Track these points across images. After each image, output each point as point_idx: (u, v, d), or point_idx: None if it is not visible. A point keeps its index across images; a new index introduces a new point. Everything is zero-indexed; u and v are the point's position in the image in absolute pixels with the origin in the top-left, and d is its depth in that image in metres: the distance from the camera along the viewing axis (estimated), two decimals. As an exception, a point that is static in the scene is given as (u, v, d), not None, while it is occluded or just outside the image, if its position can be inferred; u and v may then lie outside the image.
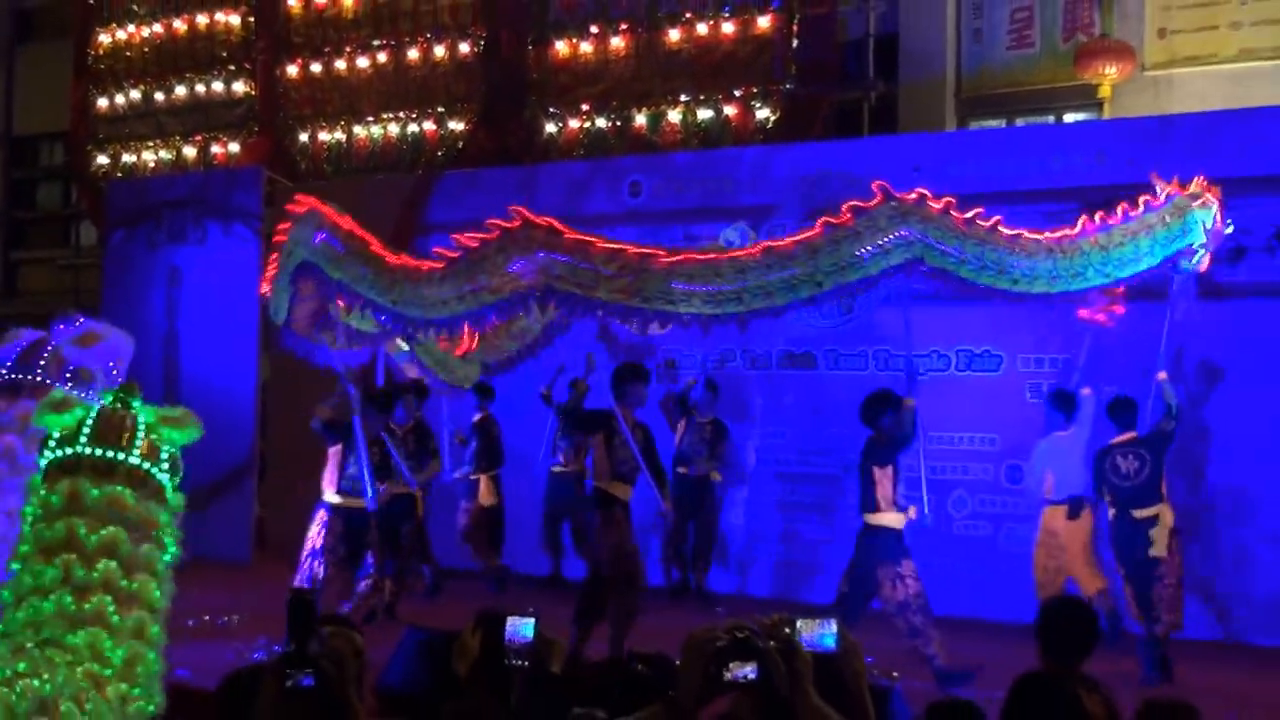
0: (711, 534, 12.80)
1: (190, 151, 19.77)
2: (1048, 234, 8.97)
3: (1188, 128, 12.02)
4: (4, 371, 6.71)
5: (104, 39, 20.59)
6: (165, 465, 6.53)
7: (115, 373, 6.18)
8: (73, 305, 20.89)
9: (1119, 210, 9.26)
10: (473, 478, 13.13)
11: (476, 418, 13.18)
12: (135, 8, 20.32)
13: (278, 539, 15.06)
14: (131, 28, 20.34)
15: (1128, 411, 10.05)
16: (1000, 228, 8.80)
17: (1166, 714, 4.64)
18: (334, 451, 10.81)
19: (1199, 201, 9.53)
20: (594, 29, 16.59)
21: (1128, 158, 11.83)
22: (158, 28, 20.10)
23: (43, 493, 6.37)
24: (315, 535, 10.81)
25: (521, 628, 5.03)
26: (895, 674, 8.86)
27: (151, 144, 20.12)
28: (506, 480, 13.27)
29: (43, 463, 6.31)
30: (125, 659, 6.27)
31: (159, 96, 20.07)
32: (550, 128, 16.87)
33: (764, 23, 15.54)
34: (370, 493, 10.69)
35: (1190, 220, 9.32)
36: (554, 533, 13.42)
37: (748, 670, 3.67)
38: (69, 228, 23.96)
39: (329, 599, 10.20)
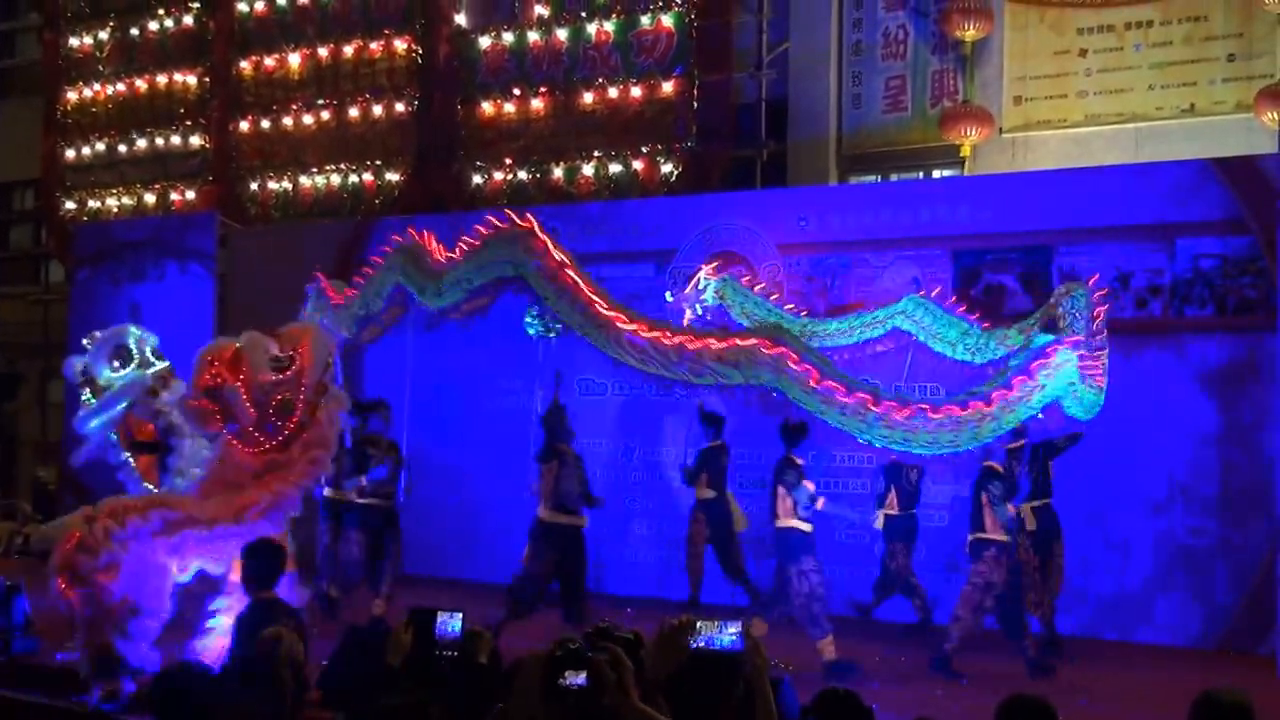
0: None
1: (150, 198, 19.47)
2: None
3: (1040, 183, 12.14)
4: None
5: (72, 96, 20.29)
6: None
7: None
8: (42, 337, 20.70)
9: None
10: None
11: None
12: (101, 68, 20.03)
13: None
14: (97, 86, 20.05)
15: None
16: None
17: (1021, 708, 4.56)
18: None
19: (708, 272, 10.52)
20: (516, 91, 16.52)
21: (986, 209, 11.95)
22: (121, 86, 19.82)
23: None
24: None
25: (450, 623, 4.95)
26: (790, 666, 8.80)
27: (115, 191, 19.79)
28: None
29: None
30: None
31: (122, 148, 19.77)
32: (477, 179, 16.76)
33: (668, 87, 15.54)
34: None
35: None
36: None
37: (579, 678, 3.63)
38: (39, 266, 23.50)
39: None
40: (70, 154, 20.22)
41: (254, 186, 18.39)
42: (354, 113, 17.60)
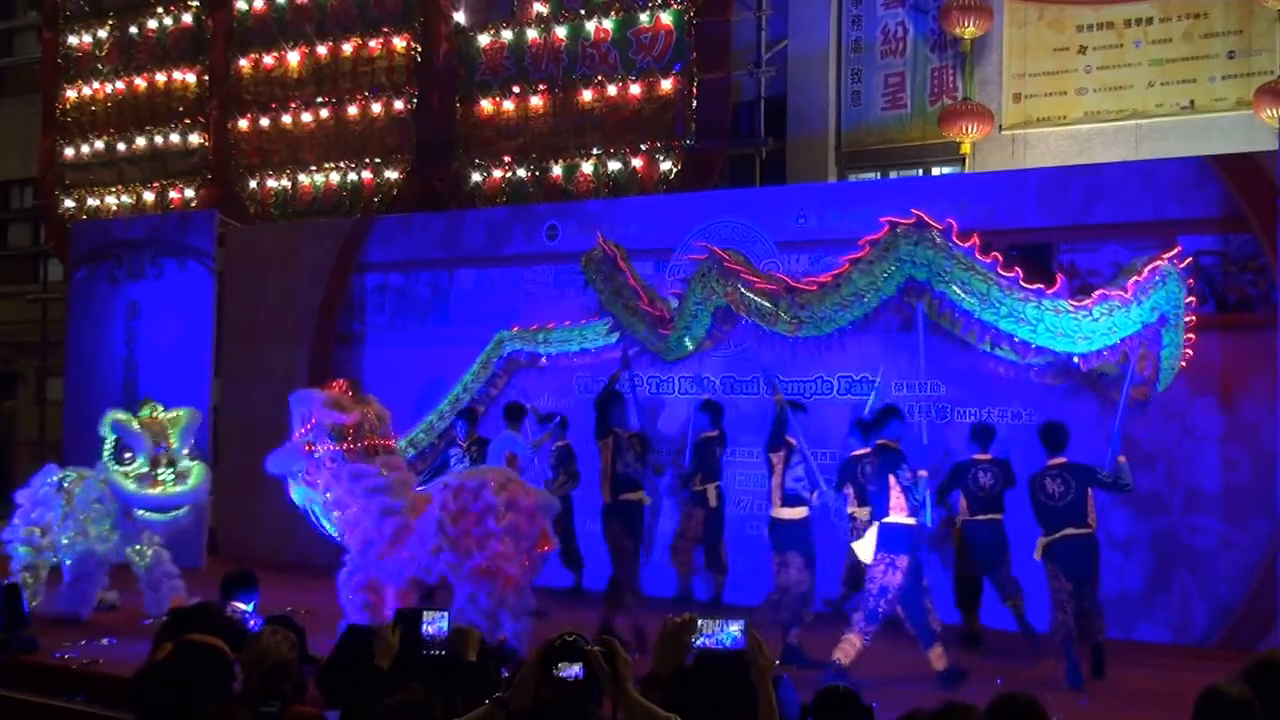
0: None
1: (149, 196, 19.47)
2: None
3: (1039, 181, 12.11)
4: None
5: (71, 94, 20.28)
6: None
7: None
8: (40, 336, 20.66)
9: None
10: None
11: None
12: (99, 66, 20.02)
13: (228, 545, 15.28)
14: (96, 84, 20.04)
15: (988, 436, 10.30)
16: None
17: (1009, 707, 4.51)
18: None
19: None
20: (515, 89, 16.52)
21: (986, 206, 11.91)
22: (120, 85, 19.81)
23: None
24: None
25: (437, 622, 4.94)
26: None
27: (113, 189, 19.80)
28: None
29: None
30: None
31: (120, 146, 19.78)
32: (475, 177, 16.75)
33: (667, 85, 15.54)
34: None
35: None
36: None
37: (575, 670, 3.62)
38: (38, 265, 23.50)
39: None
40: (69, 152, 20.22)
41: (253, 184, 18.38)
42: (353, 111, 17.59)
